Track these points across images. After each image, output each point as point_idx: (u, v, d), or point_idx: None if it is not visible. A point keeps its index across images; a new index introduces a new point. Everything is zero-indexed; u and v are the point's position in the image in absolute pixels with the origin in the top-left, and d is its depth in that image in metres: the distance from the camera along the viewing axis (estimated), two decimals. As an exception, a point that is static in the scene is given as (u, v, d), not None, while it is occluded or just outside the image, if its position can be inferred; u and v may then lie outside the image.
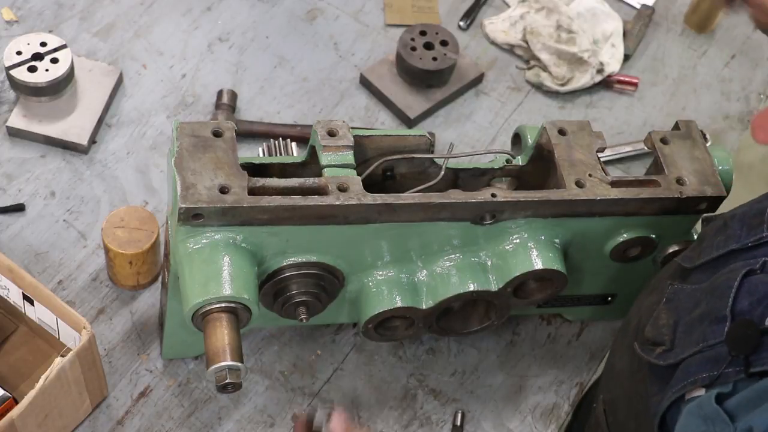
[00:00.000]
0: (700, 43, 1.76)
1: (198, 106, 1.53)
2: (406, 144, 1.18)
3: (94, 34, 1.58)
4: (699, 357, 0.94)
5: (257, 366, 1.31)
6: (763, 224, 0.98)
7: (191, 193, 1.01)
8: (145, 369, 1.28)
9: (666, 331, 1.01)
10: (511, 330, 1.39)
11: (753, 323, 0.89)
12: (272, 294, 1.13)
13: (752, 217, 1.00)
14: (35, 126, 1.44)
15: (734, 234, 1.01)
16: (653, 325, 1.03)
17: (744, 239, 0.99)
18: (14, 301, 1.22)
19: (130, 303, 1.33)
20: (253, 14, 1.65)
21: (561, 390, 1.35)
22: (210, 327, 1.03)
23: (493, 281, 1.17)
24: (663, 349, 1.00)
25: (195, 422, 1.25)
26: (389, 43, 1.65)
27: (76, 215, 1.39)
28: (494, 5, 1.74)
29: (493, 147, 1.56)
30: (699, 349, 0.94)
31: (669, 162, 1.19)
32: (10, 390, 1.19)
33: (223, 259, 1.04)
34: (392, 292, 1.16)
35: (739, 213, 1.04)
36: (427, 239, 1.14)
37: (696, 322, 0.97)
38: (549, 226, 1.15)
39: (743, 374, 0.88)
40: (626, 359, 1.10)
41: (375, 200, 1.06)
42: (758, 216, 0.99)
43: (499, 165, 1.23)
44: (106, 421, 1.24)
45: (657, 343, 1.01)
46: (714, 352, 0.93)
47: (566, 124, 1.18)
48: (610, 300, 1.36)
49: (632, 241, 1.20)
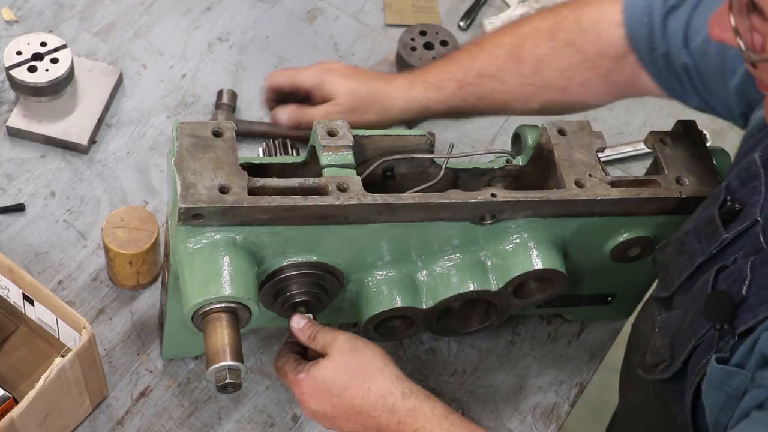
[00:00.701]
0: (700, 43, 1.76)
1: (198, 106, 1.53)
2: (406, 144, 1.18)
3: (94, 34, 1.58)
4: (697, 352, 0.97)
5: (257, 366, 1.31)
6: (718, 229, 0.99)
7: (191, 193, 1.01)
8: (145, 369, 1.28)
9: (663, 350, 1.04)
10: (511, 330, 1.39)
11: (726, 293, 0.92)
12: (272, 294, 1.13)
13: (705, 227, 1.02)
14: (35, 126, 1.44)
15: (695, 249, 1.02)
16: (651, 351, 1.07)
17: (707, 249, 1.00)
18: (14, 301, 1.22)
19: (130, 303, 1.33)
20: (253, 14, 1.65)
21: (561, 390, 1.35)
22: (210, 327, 1.03)
23: (493, 281, 1.17)
24: (664, 365, 1.02)
25: (195, 422, 1.25)
26: (389, 43, 1.65)
27: (76, 215, 1.40)
28: (494, 5, 1.74)
29: (493, 147, 1.56)
30: (694, 345, 0.97)
31: (669, 162, 1.19)
32: (10, 390, 1.19)
33: (223, 259, 1.04)
34: (392, 292, 1.16)
35: (691, 228, 1.05)
36: (427, 239, 1.14)
37: (687, 331, 0.99)
38: (549, 226, 1.15)
39: (733, 338, 0.91)
40: (640, 394, 1.13)
41: (375, 200, 1.06)
42: (710, 223, 1.01)
43: (499, 165, 1.23)
44: (106, 421, 1.24)
45: (658, 363, 1.03)
46: (706, 339, 0.95)
47: (566, 124, 1.18)
48: (610, 300, 1.36)
49: (632, 241, 1.20)
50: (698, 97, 1.14)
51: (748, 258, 0.93)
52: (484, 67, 1.22)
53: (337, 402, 1.05)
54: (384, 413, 1.04)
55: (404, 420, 1.04)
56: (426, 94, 1.24)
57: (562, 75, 1.20)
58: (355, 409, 1.05)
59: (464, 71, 1.23)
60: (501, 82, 1.22)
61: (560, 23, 1.20)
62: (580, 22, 1.19)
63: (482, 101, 1.24)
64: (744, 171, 0.99)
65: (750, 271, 0.91)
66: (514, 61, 1.21)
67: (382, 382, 1.05)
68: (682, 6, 1.12)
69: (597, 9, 1.19)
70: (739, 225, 0.97)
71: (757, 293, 0.89)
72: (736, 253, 0.96)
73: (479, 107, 1.25)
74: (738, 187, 1.00)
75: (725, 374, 0.90)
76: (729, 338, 0.91)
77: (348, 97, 1.24)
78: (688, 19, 1.11)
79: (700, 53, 1.10)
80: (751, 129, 1.04)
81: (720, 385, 0.91)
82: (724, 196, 1.00)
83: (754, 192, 0.97)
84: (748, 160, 0.99)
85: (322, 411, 1.07)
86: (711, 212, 1.01)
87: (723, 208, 1.00)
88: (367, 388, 1.05)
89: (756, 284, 0.90)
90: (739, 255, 0.95)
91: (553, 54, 1.20)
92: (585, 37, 1.18)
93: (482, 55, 1.23)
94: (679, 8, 1.12)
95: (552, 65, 1.20)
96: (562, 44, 1.19)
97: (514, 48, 1.22)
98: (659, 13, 1.13)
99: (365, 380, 1.05)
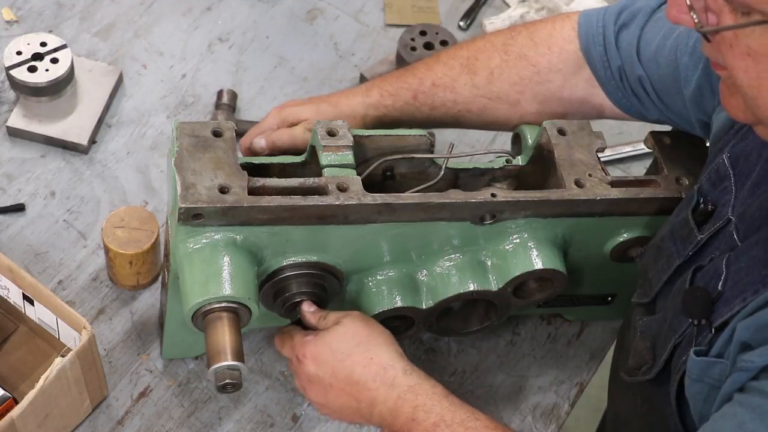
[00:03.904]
0: (700, 43, 1.76)
1: (198, 106, 1.53)
2: (406, 144, 1.18)
3: (94, 34, 1.58)
4: (677, 350, 0.98)
5: (257, 366, 1.31)
6: (693, 231, 1.01)
7: (191, 193, 1.01)
8: (145, 369, 1.28)
9: (645, 353, 1.06)
10: (511, 330, 1.39)
11: (702, 288, 0.94)
12: (272, 294, 1.13)
13: (680, 230, 1.04)
14: (35, 126, 1.44)
15: (672, 252, 1.04)
16: (634, 353, 1.08)
17: (683, 252, 1.02)
18: (14, 301, 1.22)
19: (130, 303, 1.33)
20: (253, 14, 1.65)
21: (561, 390, 1.35)
22: (211, 327, 1.03)
23: (493, 281, 1.17)
24: (647, 366, 1.03)
25: (195, 422, 1.25)
26: (389, 43, 1.65)
27: (76, 215, 1.40)
28: (494, 5, 1.74)
29: (493, 147, 1.56)
30: (674, 343, 0.98)
31: (669, 162, 1.19)
32: (10, 390, 1.19)
33: (223, 259, 1.04)
34: (392, 292, 1.16)
35: (666, 233, 1.07)
36: (427, 239, 1.14)
37: (667, 331, 1.00)
38: (549, 226, 1.15)
39: (710, 332, 0.92)
40: (627, 400, 1.13)
41: (375, 200, 1.06)
42: (684, 226, 1.03)
43: (499, 165, 1.23)
44: (106, 421, 1.24)
45: (640, 365, 1.05)
46: (686, 336, 0.96)
47: (566, 124, 1.19)
48: (610, 300, 1.36)
49: (632, 241, 1.20)
50: (656, 109, 1.17)
51: (723, 256, 0.95)
52: (438, 77, 1.25)
53: (339, 367, 1.07)
54: (383, 387, 1.05)
55: (403, 396, 1.04)
56: (382, 101, 1.26)
57: (513, 88, 1.23)
58: (353, 379, 1.06)
59: (419, 81, 1.26)
60: (454, 92, 1.24)
61: (514, 38, 1.23)
62: (533, 37, 1.22)
63: (436, 111, 1.26)
64: (714, 173, 1.02)
65: (725, 267, 0.93)
66: (468, 72, 1.24)
67: (386, 355, 1.07)
68: (633, 23, 1.16)
69: (550, 25, 1.23)
70: (712, 225, 0.99)
71: (732, 287, 0.91)
72: (712, 253, 0.98)
73: (434, 117, 1.27)
74: (709, 189, 1.02)
75: (705, 365, 0.91)
76: (707, 333, 0.93)
77: (314, 114, 1.26)
78: (640, 33, 1.14)
79: (653, 65, 1.13)
80: (715, 132, 1.07)
81: (701, 377, 0.92)
82: (697, 199, 1.03)
83: (725, 192, 0.99)
84: (717, 162, 1.02)
85: (320, 376, 1.08)
86: (685, 215, 1.04)
87: (696, 211, 1.02)
88: (370, 357, 1.06)
89: (731, 279, 0.92)
90: (714, 255, 0.97)
91: (506, 66, 1.22)
92: (537, 51, 1.21)
93: (438, 66, 1.26)
94: (630, 25, 1.16)
95: (503, 77, 1.22)
96: (515, 57, 1.22)
97: (468, 60, 1.24)
98: (611, 29, 1.16)
99: (369, 350, 1.07)
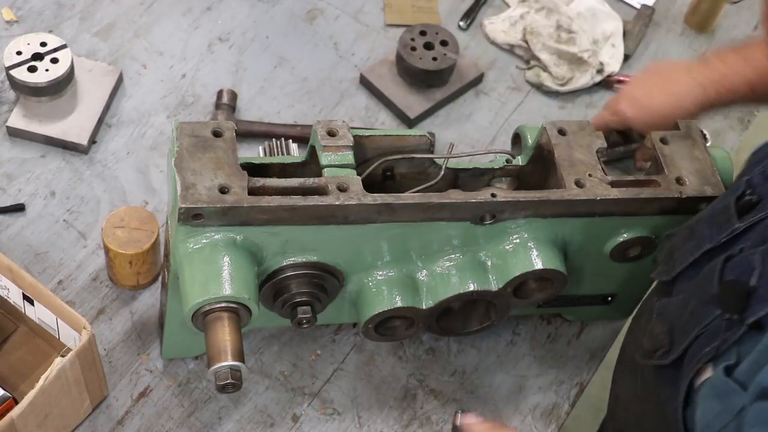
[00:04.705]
0: (700, 43, 1.76)
1: (198, 106, 1.53)
2: (406, 144, 1.18)
3: (94, 34, 1.58)
4: (699, 340, 0.96)
5: (257, 366, 1.31)
6: (732, 218, 1.00)
7: (191, 193, 1.01)
8: (145, 369, 1.28)
9: (662, 337, 1.03)
10: (511, 330, 1.39)
11: (742, 282, 0.92)
12: (272, 294, 1.13)
13: (719, 215, 1.03)
14: (35, 126, 1.44)
15: (705, 235, 1.03)
16: (650, 336, 1.06)
17: (716, 237, 1.01)
18: (14, 301, 1.22)
19: (130, 303, 1.33)
20: (253, 14, 1.65)
21: (561, 390, 1.35)
22: (211, 327, 1.03)
23: (493, 281, 1.17)
24: (663, 351, 1.02)
25: (195, 422, 1.25)
26: (389, 43, 1.65)
27: (76, 215, 1.40)
28: (494, 5, 1.74)
29: (493, 147, 1.56)
30: (697, 333, 0.97)
31: (669, 162, 1.19)
32: (10, 390, 1.19)
33: (223, 259, 1.04)
34: (392, 292, 1.16)
35: (704, 216, 1.06)
36: (427, 239, 1.14)
37: (689, 319, 0.98)
38: (549, 226, 1.15)
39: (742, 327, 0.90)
40: (629, 383, 1.12)
41: (375, 200, 1.06)
42: (724, 212, 1.02)
43: (499, 165, 1.23)
44: (106, 421, 1.24)
45: (656, 348, 1.03)
46: (711, 328, 0.95)
47: (566, 124, 1.18)
48: (610, 300, 1.36)
49: (632, 241, 1.20)
50: None
51: (755, 248, 0.93)
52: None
53: None
54: None
55: None
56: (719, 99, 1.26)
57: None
58: None
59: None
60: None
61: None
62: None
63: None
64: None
65: (760, 262, 0.91)
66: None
67: None
68: None
69: None
70: (753, 216, 0.98)
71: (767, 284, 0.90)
72: (743, 243, 0.97)
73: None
74: (760, 182, 1.01)
75: (728, 388, 0.90)
76: (737, 328, 0.91)
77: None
78: None
79: None
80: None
81: (720, 395, 0.90)
82: (744, 189, 1.02)
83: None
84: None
85: None
86: (727, 202, 1.02)
87: (740, 200, 1.01)
88: None
89: (767, 275, 0.90)
90: (746, 245, 0.96)
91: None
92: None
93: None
94: None
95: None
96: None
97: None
98: None
99: None
